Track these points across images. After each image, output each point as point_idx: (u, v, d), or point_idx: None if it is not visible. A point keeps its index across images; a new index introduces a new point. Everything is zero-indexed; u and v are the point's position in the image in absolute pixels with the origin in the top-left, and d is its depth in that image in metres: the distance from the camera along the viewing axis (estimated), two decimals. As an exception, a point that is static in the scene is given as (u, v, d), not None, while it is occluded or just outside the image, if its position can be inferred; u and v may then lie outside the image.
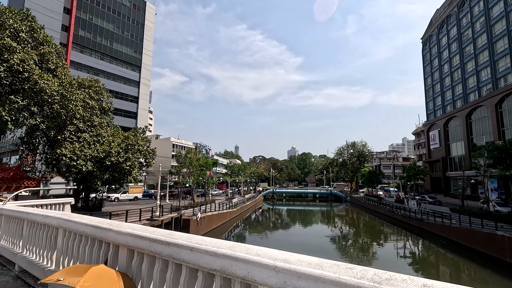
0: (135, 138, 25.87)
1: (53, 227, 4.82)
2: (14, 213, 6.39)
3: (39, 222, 5.27)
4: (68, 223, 4.27)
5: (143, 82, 77.70)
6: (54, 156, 20.69)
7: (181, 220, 25.60)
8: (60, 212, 4.90)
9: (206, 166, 36.43)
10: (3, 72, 17.65)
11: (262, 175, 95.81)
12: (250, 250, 2.12)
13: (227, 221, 38.33)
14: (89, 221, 3.90)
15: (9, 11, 20.18)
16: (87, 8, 66.99)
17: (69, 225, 4.25)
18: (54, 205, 13.95)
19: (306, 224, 49.59)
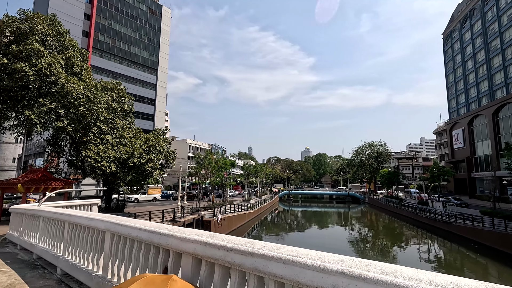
0: (156, 139, 26.06)
1: (99, 230, 4.62)
2: (54, 215, 6.29)
3: (83, 225, 5.10)
4: (118, 227, 4.04)
5: (160, 85, 78.88)
6: (80, 157, 21.05)
7: (202, 221, 25.54)
8: (107, 215, 4.69)
9: (225, 167, 36.37)
10: (32, 76, 18.09)
11: (277, 176, 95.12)
12: (372, 267, 1.74)
13: (246, 222, 38.07)
14: (143, 225, 3.65)
15: (37, 17, 20.74)
16: (106, 14, 68.73)
17: (119, 229, 4.02)
18: (82, 206, 14.08)
19: (323, 226, 48.66)
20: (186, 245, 2.90)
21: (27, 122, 18.48)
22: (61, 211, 6.01)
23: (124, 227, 3.89)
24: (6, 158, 54.98)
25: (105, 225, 4.34)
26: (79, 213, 5.31)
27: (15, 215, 9.66)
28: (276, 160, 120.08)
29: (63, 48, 22.61)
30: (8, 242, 9.75)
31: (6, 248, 8.79)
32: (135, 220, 4.08)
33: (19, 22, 20.11)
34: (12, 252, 8.11)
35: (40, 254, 6.82)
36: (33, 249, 7.29)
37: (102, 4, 68.13)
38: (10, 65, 18.14)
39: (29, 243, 7.66)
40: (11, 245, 9.15)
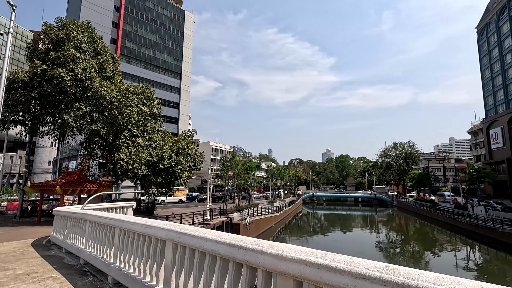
0: (184, 141, 26.15)
1: (158, 239, 4.22)
2: (102, 219, 6.02)
3: (137, 232, 4.74)
4: (184, 237, 3.59)
5: (184, 89, 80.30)
6: (113, 160, 21.44)
7: (231, 224, 25.24)
8: (167, 222, 4.29)
9: (251, 169, 36.00)
10: (69, 81, 18.63)
11: (301, 178, 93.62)
12: None
13: (273, 225, 37.43)
14: (218, 237, 3.16)
15: (73, 24, 21.44)
16: (132, 21, 71.05)
17: (186, 239, 3.57)
18: (118, 208, 14.10)
19: (350, 230, 46.91)
20: (286, 265, 2.37)
21: (65, 126, 19.03)
22: (111, 215, 5.73)
23: (193, 238, 3.43)
24: (42, 161, 57.98)
25: (166, 234, 3.92)
26: (132, 219, 4.96)
27: (59, 217, 9.67)
28: (298, 162, 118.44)
29: (96, 54, 23.23)
30: (53, 245, 9.79)
31: (51, 251, 8.76)
32: (209, 231, 3.61)
33: (56, 30, 20.87)
34: (58, 256, 8.02)
35: (88, 259, 6.60)
36: (80, 254, 7.11)
37: (129, 12, 70.51)
38: (49, 71, 18.80)
39: (75, 248, 7.52)
40: (56, 248, 9.14)
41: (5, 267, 6.88)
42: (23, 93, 19.39)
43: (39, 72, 18.96)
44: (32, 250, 8.92)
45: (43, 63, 19.39)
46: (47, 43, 21.40)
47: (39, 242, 10.43)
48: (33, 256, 8.05)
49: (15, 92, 19.36)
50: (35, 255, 8.18)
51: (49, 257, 7.84)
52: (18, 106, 20.10)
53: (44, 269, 6.63)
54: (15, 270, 6.53)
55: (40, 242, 10.44)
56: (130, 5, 71.12)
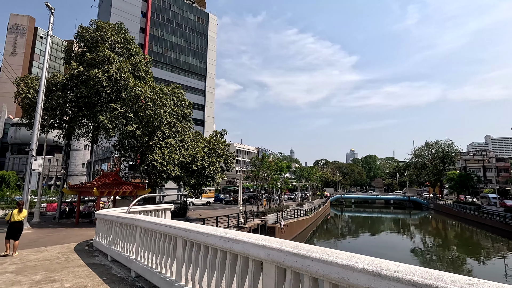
0: (216, 142, 25.48)
1: (252, 259, 3.16)
2: (160, 227, 5.09)
3: (213, 246, 3.72)
4: (306, 261, 2.49)
5: (208, 91, 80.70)
6: (147, 161, 21.13)
7: (266, 227, 24.16)
8: (261, 237, 3.20)
9: (282, 170, 34.78)
10: (105, 82, 18.48)
11: (328, 180, 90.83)
12: None
13: (305, 228, 35.90)
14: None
15: (107, 25, 21.44)
16: (159, 26, 72.46)
17: (310, 266, 2.46)
18: (157, 211, 13.44)
19: (383, 234, 44.14)
20: None
21: (101, 127, 18.90)
22: (172, 223, 4.79)
23: (330, 266, 2.32)
24: (77, 163, 60.27)
25: (267, 254, 2.85)
26: (204, 229, 3.96)
27: (102, 221, 9.03)
28: (324, 162, 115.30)
29: (129, 55, 23.16)
30: (96, 250, 9.17)
31: (96, 258, 8.09)
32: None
33: (91, 32, 20.95)
34: (105, 265, 7.29)
35: (141, 273, 5.74)
36: (130, 265, 6.28)
37: (155, 17, 71.98)
38: (85, 72, 18.77)
39: (123, 257, 6.72)
40: (100, 255, 8.47)
41: (52, 278, 6.20)
42: (61, 96, 19.53)
43: (76, 73, 19.00)
44: (76, 257, 8.31)
45: (79, 65, 19.44)
46: (83, 46, 21.56)
47: (81, 247, 9.89)
48: (78, 264, 7.37)
49: (54, 95, 19.54)
50: (80, 263, 7.51)
51: (95, 266, 7.12)
52: (56, 109, 20.34)
53: (93, 281, 5.85)
54: (63, 283, 5.80)
55: (82, 247, 9.89)
56: (156, 10, 72.60)
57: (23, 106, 20.36)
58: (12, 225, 9.16)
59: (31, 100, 19.32)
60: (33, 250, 9.39)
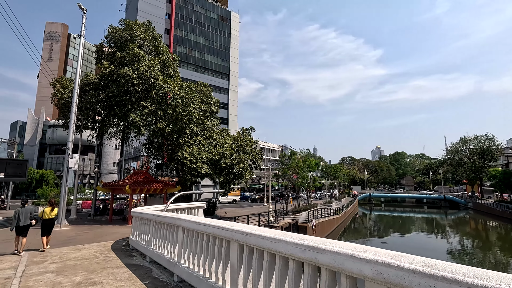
0: (244, 139, 25.00)
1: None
2: (207, 228, 4.50)
3: (284, 255, 3.04)
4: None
5: (232, 89, 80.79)
6: (177, 159, 21.05)
7: (297, 226, 23.33)
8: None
9: (311, 167, 33.68)
10: (135, 79, 18.53)
11: (355, 178, 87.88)
12: None
13: (335, 228, 34.60)
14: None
15: (136, 24, 21.59)
16: (183, 26, 73.49)
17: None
18: (190, 209, 13.08)
19: (418, 234, 41.50)
20: None
21: (132, 125, 19.02)
22: (225, 224, 4.18)
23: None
24: (108, 162, 62.67)
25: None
26: (270, 233, 3.29)
27: (139, 220, 8.71)
28: (350, 160, 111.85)
29: (157, 53, 23.22)
30: (133, 250, 8.88)
31: (134, 258, 7.75)
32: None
33: (121, 31, 21.18)
34: (144, 266, 6.90)
35: (186, 278, 5.20)
36: (172, 268, 5.79)
37: (179, 18, 73.04)
38: (116, 71, 18.94)
39: (164, 259, 6.25)
40: (138, 255, 8.14)
41: (92, 279, 5.86)
42: (93, 95, 19.90)
43: (107, 72, 19.24)
44: (114, 256, 8.03)
45: (110, 64, 19.68)
46: (113, 46, 21.88)
47: (118, 246, 9.68)
48: (117, 265, 7.04)
49: (87, 95, 19.95)
50: (118, 264, 7.19)
51: (135, 268, 6.73)
52: (89, 109, 20.79)
53: (135, 285, 5.42)
54: (103, 286, 5.42)
55: (119, 246, 9.68)
56: (180, 11, 73.65)
57: (59, 107, 21.02)
58: (44, 222, 9.57)
59: (66, 101, 19.86)
60: (72, 248, 9.31)
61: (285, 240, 2.92)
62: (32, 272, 6.52)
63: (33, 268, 6.93)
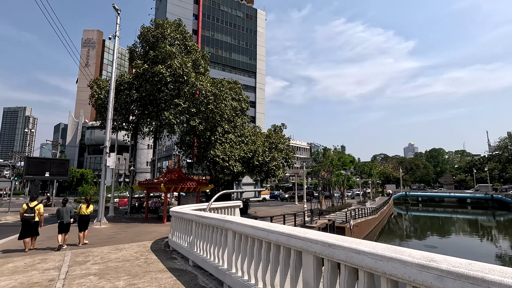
0: (276, 136, 24.21)
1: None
2: (267, 234, 3.76)
3: (395, 278, 2.20)
4: None
5: (259, 87, 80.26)
6: (209, 157, 20.79)
7: (334, 227, 22.14)
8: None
9: (345, 165, 32.11)
10: (168, 77, 18.46)
11: (390, 176, 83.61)
12: None
13: (372, 228, 32.72)
14: None
15: (166, 23, 21.60)
16: (209, 26, 74.19)
17: None
18: (226, 208, 12.54)
19: (462, 237, 38.03)
20: None
21: (165, 124, 19.00)
22: (292, 231, 3.43)
23: None
24: (141, 162, 64.98)
25: None
26: (370, 247, 2.48)
27: (179, 220, 8.26)
28: (383, 157, 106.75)
29: (188, 51, 23.13)
30: (173, 251, 8.46)
31: (176, 262, 7.28)
32: None
33: (152, 30, 21.30)
34: (188, 271, 6.37)
35: None
36: (222, 278, 5.15)
37: (206, 18, 73.80)
38: (149, 69, 19.01)
39: (211, 265, 5.64)
40: (179, 258, 7.67)
41: (135, 285, 5.40)
42: (128, 94, 20.17)
43: (141, 71, 19.38)
44: (155, 258, 7.62)
45: (144, 63, 19.81)
46: (145, 46, 22.09)
47: (158, 247, 9.34)
48: (160, 269, 6.58)
49: (122, 94, 20.28)
50: (160, 267, 6.73)
51: (179, 273, 6.22)
52: (123, 109, 21.16)
53: (182, 295, 4.85)
54: (148, 294, 4.91)
55: (159, 247, 9.33)
56: (207, 12, 74.37)
57: (97, 107, 21.60)
58: (80, 218, 10.13)
59: (102, 101, 20.32)
60: (112, 248, 9.11)
61: (404, 260, 2.09)
62: (75, 274, 6.25)
63: (76, 269, 6.68)
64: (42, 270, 6.63)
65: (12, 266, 7.07)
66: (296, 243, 3.27)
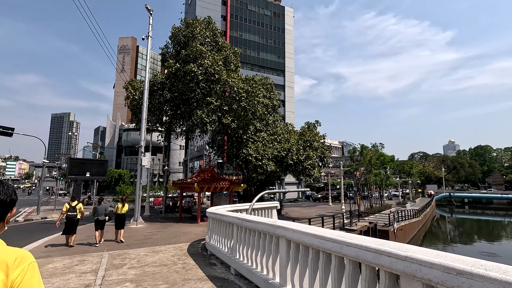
0: (311, 133, 23.07)
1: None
2: (340, 248, 2.90)
3: None
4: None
5: (288, 85, 78.92)
6: (242, 156, 20.24)
7: (376, 230, 20.52)
8: None
9: (385, 164, 29.97)
10: (200, 75, 18.18)
11: (431, 175, 77.96)
12: None
13: (417, 232, 30.25)
14: None
15: (196, 21, 21.42)
16: (237, 27, 74.31)
17: None
18: (262, 209, 11.77)
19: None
20: None
21: (198, 122, 18.75)
22: (383, 246, 2.56)
23: None
24: (174, 162, 66.69)
25: None
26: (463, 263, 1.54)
27: (217, 222, 7.63)
28: (421, 156, 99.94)
29: (218, 49, 22.80)
30: (211, 256, 7.86)
31: (216, 268, 6.64)
32: None
33: (183, 30, 21.23)
34: (230, 281, 5.68)
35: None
36: (273, 292, 4.36)
37: (234, 19, 74.01)
38: (181, 69, 18.89)
39: (259, 278, 4.88)
40: (219, 263, 7.03)
41: (175, 297, 4.80)
42: (161, 95, 20.25)
43: (173, 71, 19.33)
44: (193, 264, 7.05)
45: (176, 63, 19.77)
46: (176, 46, 22.11)
47: (194, 250, 8.82)
48: (199, 277, 5.97)
49: (155, 95, 20.41)
50: (199, 275, 6.12)
51: (220, 283, 5.54)
52: (157, 109, 21.33)
53: (228, 313, 4.13)
54: (190, 310, 4.26)
55: (195, 250, 8.81)
56: (235, 12, 74.55)
57: (132, 108, 22.01)
58: (118, 217, 10.80)
59: (137, 102, 20.61)
60: (149, 250, 8.74)
61: None
62: (111, 280, 5.83)
63: (113, 273, 6.29)
64: (79, 273, 6.33)
65: (51, 267, 6.89)
66: (391, 264, 2.38)
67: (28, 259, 1.16)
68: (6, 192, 1.25)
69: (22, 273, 1.11)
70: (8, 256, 1.12)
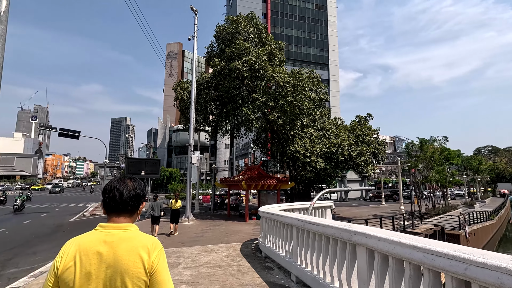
0: (363, 127, 21.40)
1: None
2: (456, 267, 2.06)
3: None
4: None
5: (332, 79, 75.71)
6: (289, 153, 19.52)
7: (444, 233, 18.19)
8: None
9: (451, 160, 26.70)
10: (245, 72, 17.91)
11: (504, 172, 68.37)
12: None
13: (491, 237, 26.46)
14: None
15: (239, 17, 21.21)
16: (279, 23, 73.34)
17: None
18: (316, 209, 10.96)
19: None
20: None
21: (244, 120, 18.52)
22: (488, 260, 1.73)
23: None
24: (220, 160, 68.45)
25: None
26: None
27: (272, 223, 7.09)
28: (490, 150, 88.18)
29: (263, 44, 22.33)
30: (266, 258, 7.36)
31: (273, 273, 6.11)
32: None
33: (227, 28, 21.19)
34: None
35: None
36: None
37: (275, 15, 73.18)
38: (226, 66, 18.83)
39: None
40: (276, 267, 6.49)
41: (234, 306, 4.35)
42: (208, 94, 20.47)
43: (219, 69, 19.36)
44: (248, 266, 6.62)
45: (221, 61, 19.79)
46: (221, 44, 22.17)
47: (248, 250, 8.42)
48: (256, 282, 5.48)
49: (202, 94, 20.70)
50: (257, 280, 5.63)
51: (282, 291, 4.98)
52: (203, 108, 21.63)
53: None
54: (253, 324, 3.76)
55: (249, 250, 8.41)
56: (275, 8, 73.66)
57: (180, 108, 22.68)
58: (172, 212, 11.79)
59: (186, 101, 21.14)
60: (202, 249, 8.57)
61: None
62: (167, 280, 5.63)
63: (168, 273, 6.12)
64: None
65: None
66: None
67: (159, 244, 1.36)
68: (140, 187, 1.45)
69: (158, 255, 1.29)
70: (147, 241, 1.31)
